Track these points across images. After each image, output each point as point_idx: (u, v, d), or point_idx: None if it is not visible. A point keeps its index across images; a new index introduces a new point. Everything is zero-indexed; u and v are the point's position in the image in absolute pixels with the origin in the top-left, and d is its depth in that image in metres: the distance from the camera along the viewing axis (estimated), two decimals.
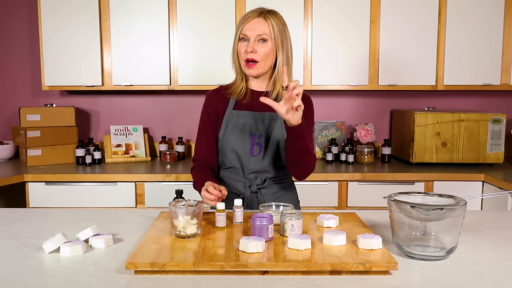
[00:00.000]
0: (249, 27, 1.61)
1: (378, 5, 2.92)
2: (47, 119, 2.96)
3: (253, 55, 1.60)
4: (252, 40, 1.60)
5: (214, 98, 1.74)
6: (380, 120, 3.36)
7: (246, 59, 1.61)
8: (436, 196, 1.30)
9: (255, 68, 1.62)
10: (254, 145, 1.68)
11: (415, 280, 1.10)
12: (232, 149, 1.69)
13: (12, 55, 3.28)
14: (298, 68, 2.92)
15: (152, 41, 2.92)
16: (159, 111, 3.33)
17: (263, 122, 1.68)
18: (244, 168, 1.70)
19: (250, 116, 1.68)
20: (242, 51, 1.62)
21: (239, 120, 1.68)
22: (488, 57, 2.96)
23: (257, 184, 1.70)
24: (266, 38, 1.61)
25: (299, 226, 1.31)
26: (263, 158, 1.68)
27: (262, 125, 1.68)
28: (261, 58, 1.61)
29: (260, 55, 1.61)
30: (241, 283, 1.07)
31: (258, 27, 1.60)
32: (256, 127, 1.68)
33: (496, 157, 2.86)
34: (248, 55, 1.60)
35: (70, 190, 2.69)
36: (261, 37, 1.60)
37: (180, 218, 1.29)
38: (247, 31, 1.61)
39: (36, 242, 1.35)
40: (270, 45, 1.62)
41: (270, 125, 1.68)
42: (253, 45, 1.60)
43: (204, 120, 1.74)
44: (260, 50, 1.60)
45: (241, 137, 1.68)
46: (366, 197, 2.73)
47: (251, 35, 1.60)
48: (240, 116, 1.69)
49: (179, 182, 2.67)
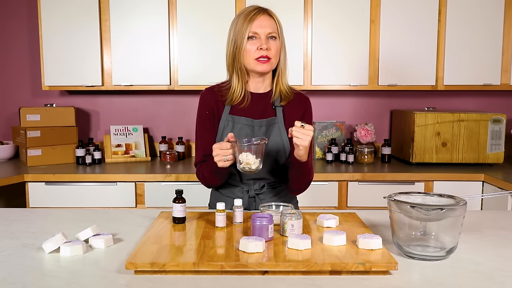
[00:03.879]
0: (258, 25, 1.57)
1: (378, 5, 2.92)
2: (47, 119, 2.96)
3: (267, 52, 1.58)
4: (264, 38, 1.57)
5: (210, 99, 1.68)
6: (380, 120, 3.36)
7: (260, 56, 1.57)
8: (436, 196, 1.30)
9: (268, 64, 1.59)
10: None
11: (415, 280, 1.10)
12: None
13: (12, 55, 3.28)
14: (298, 68, 2.92)
15: (152, 41, 2.92)
16: (159, 111, 3.33)
17: (260, 129, 1.65)
18: (241, 174, 1.66)
19: (246, 123, 1.64)
20: (253, 50, 1.58)
21: (234, 126, 1.64)
22: (488, 57, 2.96)
23: (255, 189, 1.68)
24: (275, 35, 1.60)
25: (299, 226, 1.31)
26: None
27: (259, 132, 1.64)
28: (273, 55, 1.59)
29: (273, 52, 1.59)
30: (241, 283, 1.07)
31: (268, 24, 1.58)
32: (252, 134, 1.64)
33: (496, 157, 2.86)
34: (262, 52, 1.57)
35: (70, 190, 2.69)
36: (271, 35, 1.59)
37: (245, 155, 1.42)
38: (257, 28, 1.57)
39: (36, 242, 1.35)
40: (279, 42, 1.61)
41: (267, 132, 1.65)
42: (266, 42, 1.58)
43: (202, 121, 1.69)
44: (273, 47, 1.59)
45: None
46: (366, 197, 2.73)
47: (261, 33, 1.57)
48: (236, 122, 1.65)
49: (179, 182, 2.67)
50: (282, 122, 1.66)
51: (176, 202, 1.44)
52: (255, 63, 1.59)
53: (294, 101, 1.70)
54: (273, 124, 1.66)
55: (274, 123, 1.66)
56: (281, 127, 1.66)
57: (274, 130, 1.65)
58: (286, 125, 1.66)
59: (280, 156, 1.66)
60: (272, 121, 1.66)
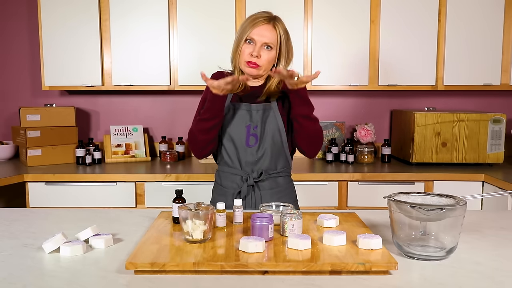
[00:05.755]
0: (257, 32, 1.65)
1: (378, 5, 2.92)
2: (47, 119, 2.96)
3: (257, 60, 1.66)
4: (258, 45, 1.65)
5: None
6: (380, 120, 3.36)
7: (249, 60, 1.66)
8: (436, 196, 1.30)
9: (255, 69, 1.69)
10: (250, 136, 1.73)
11: (415, 280, 1.10)
12: (229, 140, 1.74)
13: (12, 55, 3.28)
14: (298, 68, 2.91)
15: (152, 41, 2.92)
16: (159, 111, 3.33)
17: (258, 113, 1.73)
18: (240, 160, 1.74)
19: (245, 108, 1.73)
20: (246, 53, 1.67)
21: (234, 112, 1.74)
22: (488, 57, 2.96)
23: (254, 178, 1.74)
24: (272, 46, 1.67)
25: (299, 226, 1.31)
26: (258, 148, 1.73)
27: (257, 116, 1.73)
28: (263, 64, 1.68)
29: (263, 61, 1.67)
30: (241, 283, 1.07)
31: (266, 34, 1.65)
32: (251, 118, 1.73)
33: (496, 157, 2.86)
34: (252, 58, 1.66)
35: (70, 190, 2.69)
36: (267, 44, 1.66)
37: (189, 222, 1.24)
38: (255, 35, 1.65)
39: (36, 242, 1.35)
40: (273, 53, 1.69)
41: (264, 116, 1.73)
42: (258, 50, 1.65)
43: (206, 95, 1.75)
44: (264, 57, 1.67)
45: (237, 128, 1.73)
46: (366, 197, 2.73)
47: (258, 40, 1.65)
48: (236, 108, 1.74)
49: (179, 182, 2.67)
50: (277, 108, 1.74)
51: (176, 202, 1.44)
52: (245, 65, 1.69)
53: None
54: (268, 110, 1.74)
55: (270, 109, 1.74)
56: (276, 113, 1.74)
57: (270, 116, 1.73)
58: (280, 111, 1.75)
59: (276, 140, 1.74)
60: (267, 106, 1.74)
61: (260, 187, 1.76)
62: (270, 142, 1.73)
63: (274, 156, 1.75)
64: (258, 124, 1.73)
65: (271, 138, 1.73)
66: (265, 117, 1.73)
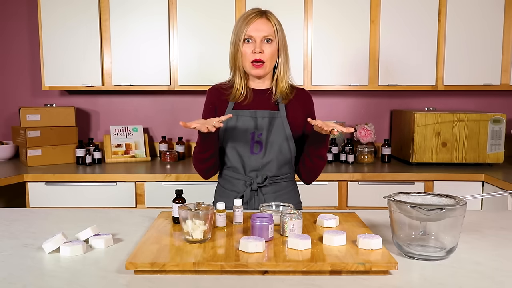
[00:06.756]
0: (254, 28, 1.63)
1: (378, 5, 2.92)
2: (47, 119, 2.96)
3: (261, 55, 1.64)
4: (258, 41, 1.63)
5: (215, 95, 1.76)
6: (380, 120, 3.36)
7: (253, 59, 1.64)
8: (436, 196, 1.30)
9: (262, 69, 1.66)
10: (254, 144, 1.69)
11: (415, 280, 1.10)
12: (232, 148, 1.70)
13: (12, 55, 3.28)
14: (298, 68, 2.92)
15: (152, 41, 2.92)
16: (159, 111, 3.33)
17: (264, 119, 1.69)
18: (245, 166, 1.71)
19: (250, 115, 1.69)
20: (248, 52, 1.64)
21: (238, 119, 1.69)
22: (488, 57, 2.96)
23: (258, 183, 1.70)
24: (271, 38, 1.65)
25: (299, 226, 1.31)
26: (263, 156, 1.69)
27: (262, 123, 1.69)
28: (267, 59, 1.65)
29: (266, 56, 1.65)
30: (241, 283, 1.07)
31: (263, 28, 1.63)
32: (255, 125, 1.69)
33: (496, 157, 2.86)
34: (255, 55, 1.63)
35: (70, 190, 2.69)
36: (267, 38, 1.64)
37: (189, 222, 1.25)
38: (252, 32, 1.63)
39: (36, 242, 1.35)
40: (275, 46, 1.66)
41: (270, 123, 1.69)
42: (260, 45, 1.63)
43: (206, 114, 1.76)
44: (267, 50, 1.64)
45: (241, 136, 1.69)
46: (366, 197, 2.73)
47: (257, 36, 1.63)
48: (239, 115, 1.70)
49: (179, 182, 2.67)
50: (285, 117, 1.70)
51: (176, 202, 1.44)
52: (251, 67, 1.66)
53: (296, 97, 1.75)
54: (275, 118, 1.70)
55: (277, 117, 1.70)
56: (284, 121, 1.70)
57: (277, 124, 1.70)
58: (289, 119, 1.71)
59: (283, 149, 1.70)
60: (275, 114, 1.70)
61: (263, 191, 1.72)
62: (277, 152, 1.69)
63: (280, 164, 1.72)
64: (264, 132, 1.68)
65: (278, 148, 1.69)
66: (272, 125, 1.69)
